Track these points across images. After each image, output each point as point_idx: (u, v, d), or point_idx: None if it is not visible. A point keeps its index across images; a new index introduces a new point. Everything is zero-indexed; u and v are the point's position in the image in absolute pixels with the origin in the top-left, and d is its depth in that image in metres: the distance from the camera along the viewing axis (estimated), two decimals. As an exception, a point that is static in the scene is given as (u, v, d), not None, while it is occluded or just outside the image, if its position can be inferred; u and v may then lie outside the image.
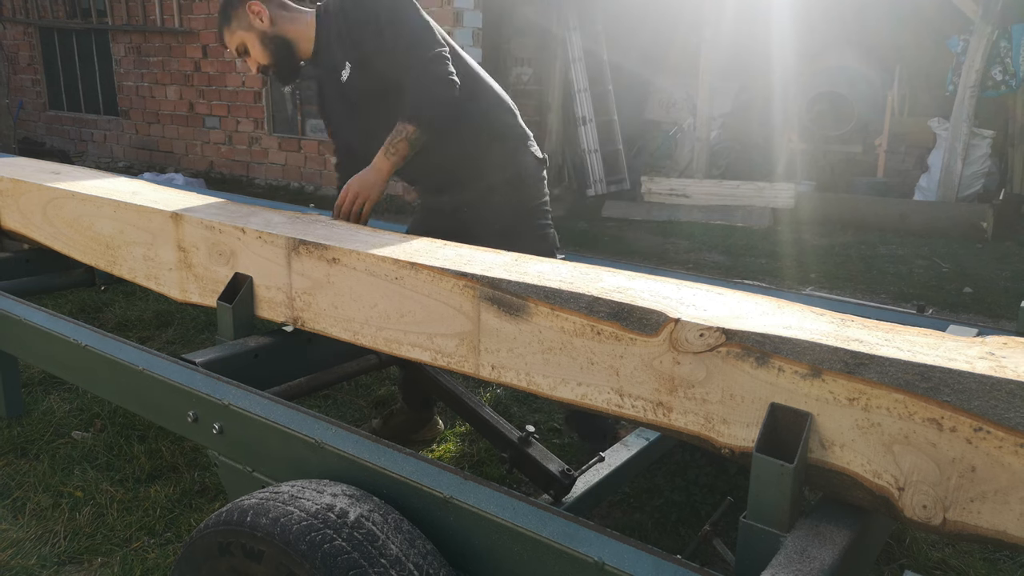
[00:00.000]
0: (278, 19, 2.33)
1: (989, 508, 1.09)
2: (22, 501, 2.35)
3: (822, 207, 6.94)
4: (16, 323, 2.22)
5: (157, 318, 3.95)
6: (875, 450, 1.17)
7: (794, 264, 5.64)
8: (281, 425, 1.51)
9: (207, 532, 1.36)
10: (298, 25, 2.35)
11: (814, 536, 1.19)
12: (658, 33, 8.41)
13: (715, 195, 7.30)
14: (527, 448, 1.87)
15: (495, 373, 1.58)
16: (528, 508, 1.22)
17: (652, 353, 1.35)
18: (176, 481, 2.46)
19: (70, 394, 3.06)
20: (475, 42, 7.05)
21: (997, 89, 6.78)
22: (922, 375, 1.13)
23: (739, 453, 1.30)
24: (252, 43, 2.33)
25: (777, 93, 7.86)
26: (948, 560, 2.15)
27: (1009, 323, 4.18)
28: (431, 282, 1.63)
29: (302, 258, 1.87)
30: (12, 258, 2.97)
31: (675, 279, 1.65)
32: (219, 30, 2.40)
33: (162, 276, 2.27)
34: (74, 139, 10.45)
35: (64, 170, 3.04)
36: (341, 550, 1.21)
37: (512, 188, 2.35)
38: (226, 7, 2.34)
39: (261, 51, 2.33)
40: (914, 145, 7.55)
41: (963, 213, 6.45)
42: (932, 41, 7.35)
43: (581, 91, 7.99)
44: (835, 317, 1.41)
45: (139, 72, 9.38)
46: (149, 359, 1.83)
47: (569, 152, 8.40)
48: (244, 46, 2.34)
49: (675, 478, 2.51)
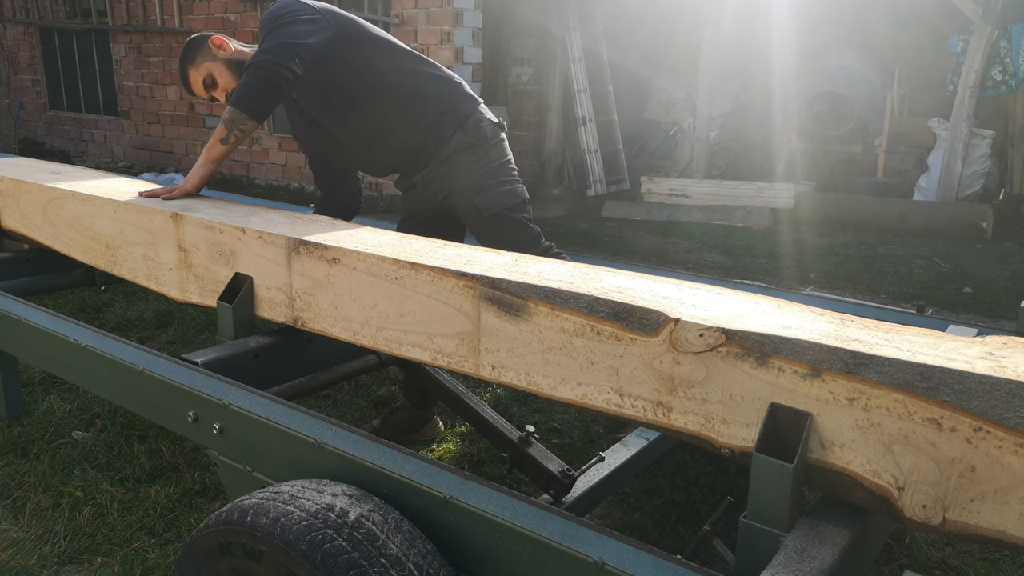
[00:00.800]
0: (238, 49, 2.50)
1: (989, 508, 1.09)
2: (22, 501, 2.35)
3: (822, 207, 6.95)
4: (16, 323, 2.22)
5: (157, 318, 3.95)
6: (875, 450, 1.17)
7: (794, 264, 5.64)
8: (281, 425, 1.51)
9: (207, 532, 1.36)
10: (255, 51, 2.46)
11: (814, 536, 1.19)
12: (658, 33, 8.41)
13: (715, 195, 7.31)
14: (527, 448, 1.87)
15: (495, 373, 1.58)
16: (528, 508, 1.22)
17: (652, 353, 1.35)
18: (176, 481, 2.46)
19: (70, 394, 3.06)
20: (475, 42, 7.05)
21: (997, 89, 6.78)
22: (922, 375, 1.13)
23: (739, 453, 1.30)
24: (219, 71, 2.46)
25: (777, 93, 7.87)
26: (948, 560, 2.15)
27: (1009, 323, 4.18)
28: (431, 282, 1.63)
29: (302, 258, 1.87)
30: (12, 258, 2.97)
31: (675, 279, 1.65)
32: (183, 73, 2.51)
33: (162, 276, 2.27)
34: (74, 139, 10.45)
35: (64, 170, 3.04)
36: (341, 550, 1.21)
37: (471, 152, 2.43)
38: (188, 49, 2.49)
39: (229, 76, 2.46)
40: (914, 145, 7.56)
41: (963, 213, 6.45)
42: (932, 41, 7.36)
43: (581, 91, 7.99)
44: (835, 317, 1.41)
45: (139, 72, 9.38)
46: (149, 359, 1.83)
47: (569, 152, 8.41)
48: (211, 77, 2.47)
49: (675, 478, 2.51)
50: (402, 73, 2.43)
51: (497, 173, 2.45)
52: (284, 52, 2.19)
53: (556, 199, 8.03)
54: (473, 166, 2.42)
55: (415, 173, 2.51)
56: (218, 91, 2.49)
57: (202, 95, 2.53)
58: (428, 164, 2.46)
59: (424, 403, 2.69)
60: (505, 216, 2.42)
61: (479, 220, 2.42)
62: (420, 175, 2.50)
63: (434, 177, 2.47)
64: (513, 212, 2.44)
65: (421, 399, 2.67)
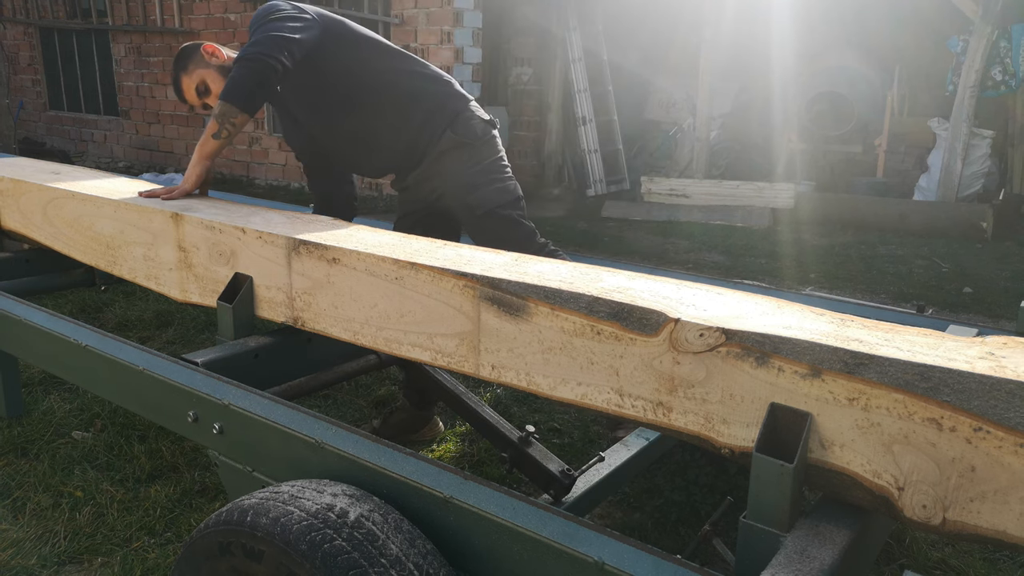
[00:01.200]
0: (230, 56, 2.51)
1: (989, 508, 1.09)
2: (22, 501, 2.35)
3: (822, 207, 6.95)
4: (16, 323, 2.22)
5: (157, 318, 3.95)
6: (875, 450, 1.17)
7: (794, 264, 5.64)
8: (281, 425, 1.51)
9: (207, 532, 1.36)
10: None
11: (814, 536, 1.19)
12: (658, 33, 8.41)
13: (715, 195, 7.31)
14: (527, 448, 1.87)
15: (495, 373, 1.58)
16: (528, 508, 1.22)
17: (652, 353, 1.35)
18: (176, 481, 2.46)
19: (70, 394, 3.06)
20: (475, 42, 7.05)
21: (997, 89, 6.78)
22: (922, 375, 1.13)
23: (739, 453, 1.30)
24: (212, 78, 2.48)
25: (777, 93, 7.87)
26: (948, 560, 2.15)
27: (1009, 323, 4.18)
28: (431, 282, 1.63)
29: (302, 258, 1.87)
30: (12, 258, 2.97)
31: (675, 279, 1.65)
32: (175, 82, 2.53)
33: (162, 276, 2.27)
34: (74, 139, 10.45)
35: (64, 170, 3.04)
36: (341, 550, 1.21)
37: (462, 150, 2.43)
38: (181, 57, 2.52)
39: (222, 83, 2.44)
40: (914, 145, 7.56)
41: (963, 213, 6.45)
42: (932, 41, 7.36)
43: (581, 91, 7.99)
44: (835, 317, 1.41)
45: (139, 72, 9.38)
46: (149, 359, 1.83)
47: (569, 152, 8.41)
48: (204, 83, 2.49)
49: (675, 478, 2.51)
50: (399, 73, 2.43)
51: (489, 171, 2.45)
52: (273, 45, 2.20)
53: (556, 199, 8.03)
54: (464, 164, 2.42)
55: (408, 173, 2.51)
56: (211, 98, 2.50)
57: (195, 103, 2.54)
58: (420, 164, 2.46)
59: (424, 403, 2.70)
60: (498, 214, 2.42)
61: (472, 218, 2.42)
62: (413, 175, 2.50)
63: (426, 176, 2.47)
64: (506, 209, 2.43)
65: (421, 399, 2.67)
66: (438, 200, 2.49)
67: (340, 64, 2.38)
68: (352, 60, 2.39)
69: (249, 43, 2.25)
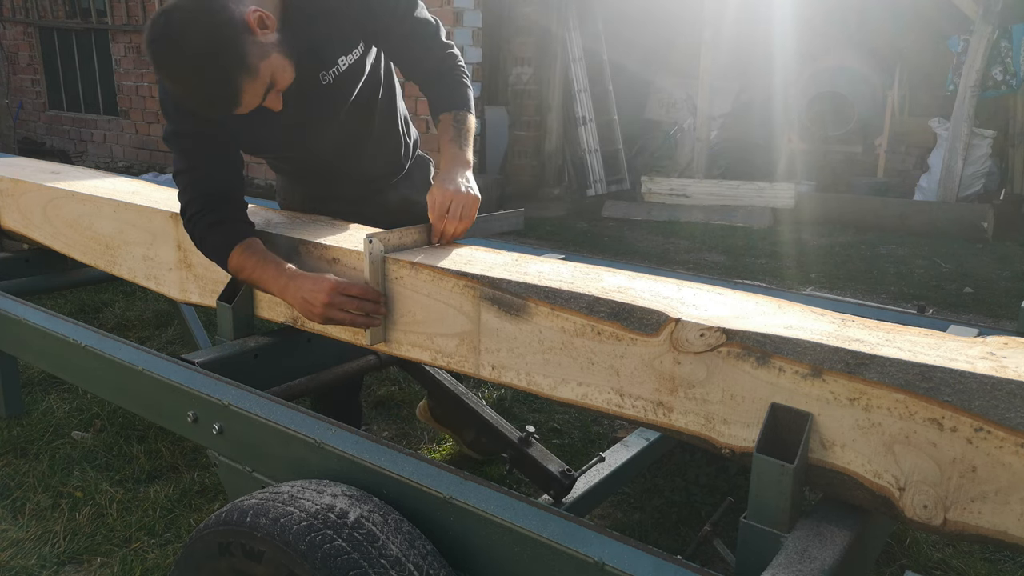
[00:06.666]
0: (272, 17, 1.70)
1: (990, 508, 1.09)
2: (22, 501, 2.35)
3: (822, 207, 6.94)
4: (16, 323, 2.21)
5: (157, 318, 3.95)
6: (876, 450, 1.16)
7: (794, 264, 5.64)
8: (281, 425, 1.51)
9: (207, 532, 1.36)
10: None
11: (814, 536, 1.18)
12: (658, 33, 8.41)
13: (715, 195, 7.30)
14: (527, 448, 1.87)
15: (495, 373, 1.58)
16: (528, 508, 1.22)
17: (652, 353, 1.35)
18: (176, 481, 2.46)
19: (70, 394, 3.05)
20: (475, 42, 7.04)
21: (997, 89, 6.78)
22: (923, 375, 1.13)
23: (739, 453, 1.30)
24: (279, 64, 1.69)
25: (777, 93, 7.86)
26: (948, 560, 2.14)
27: (1010, 323, 4.18)
28: (431, 282, 1.63)
29: (302, 258, 1.87)
30: (12, 258, 2.97)
31: (675, 279, 1.65)
32: (233, 89, 1.63)
33: (162, 276, 2.26)
34: (74, 139, 10.44)
35: (64, 170, 3.04)
36: (341, 550, 1.21)
37: (421, 159, 2.45)
38: (220, 49, 1.58)
39: (288, 63, 1.72)
40: (914, 145, 7.55)
41: (963, 213, 6.44)
42: (932, 41, 7.35)
43: (581, 91, 7.99)
44: (836, 317, 1.40)
45: (139, 72, 9.37)
46: (149, 359, 1.83)
47: (569, 152, 8.40)
48: (273, 77, 1.69)
49: (675, 478, 2.50)
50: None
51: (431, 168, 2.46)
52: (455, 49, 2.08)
53: (556, 199, 8.03)
54: (424, 172, 2.43)
55: (389, 178, 2.38)
56: (274, 91, 1.74)
57: (254, 105, 1.72)
58: (401, 167, 2.37)
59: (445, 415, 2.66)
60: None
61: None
62: (395, 181, 2.38)
63: (411, 181, 2.40)
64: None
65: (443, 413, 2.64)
66: (408, 212, 2.26)
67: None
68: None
69: (437, 40, 1.97)
